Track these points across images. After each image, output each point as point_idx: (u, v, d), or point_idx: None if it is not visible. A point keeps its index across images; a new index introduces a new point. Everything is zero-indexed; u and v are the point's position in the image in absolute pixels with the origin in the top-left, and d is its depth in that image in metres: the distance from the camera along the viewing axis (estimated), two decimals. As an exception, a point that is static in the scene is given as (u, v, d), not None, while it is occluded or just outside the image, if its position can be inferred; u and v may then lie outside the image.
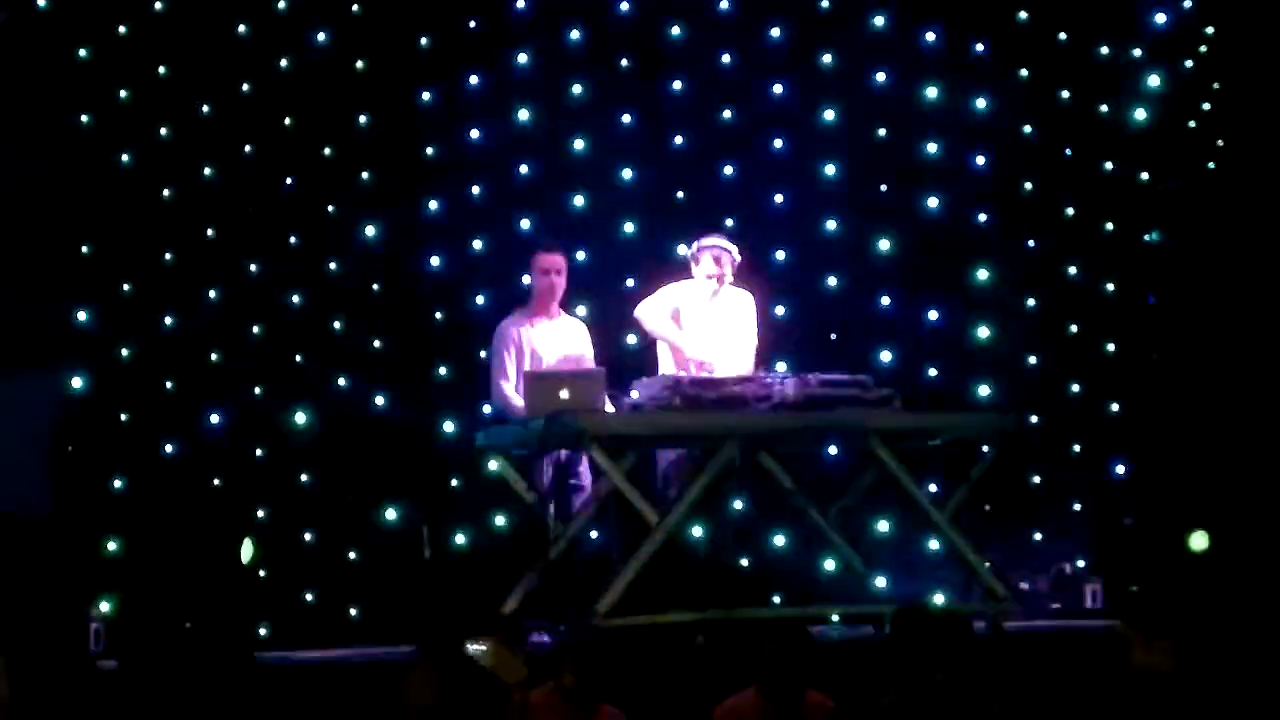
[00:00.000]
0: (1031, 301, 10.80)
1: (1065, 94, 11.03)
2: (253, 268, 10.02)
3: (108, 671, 7.53)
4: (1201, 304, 10.72)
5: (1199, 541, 9.34)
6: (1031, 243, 10.84)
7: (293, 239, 10.11)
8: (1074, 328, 10.81)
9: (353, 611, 9.45)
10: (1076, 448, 10.64)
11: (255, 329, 9.96)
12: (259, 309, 9.99)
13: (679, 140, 10.67)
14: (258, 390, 9.87)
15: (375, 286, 10.18)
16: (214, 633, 7.65)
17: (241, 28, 10.14)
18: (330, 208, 10.21)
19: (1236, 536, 9.62)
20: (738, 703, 6.12)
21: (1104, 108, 11.03)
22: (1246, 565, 9.20)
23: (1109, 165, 11.00)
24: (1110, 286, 10.87)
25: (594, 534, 8.90)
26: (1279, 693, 6.11)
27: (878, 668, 4.84)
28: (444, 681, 4.95)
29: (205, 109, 10.01)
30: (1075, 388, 10.72)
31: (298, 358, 10.01)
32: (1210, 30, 11.28)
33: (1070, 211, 10.92)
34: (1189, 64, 11.24)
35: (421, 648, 5.87)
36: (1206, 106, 11.19)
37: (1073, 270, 10.85)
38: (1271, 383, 10.44)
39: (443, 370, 10.13)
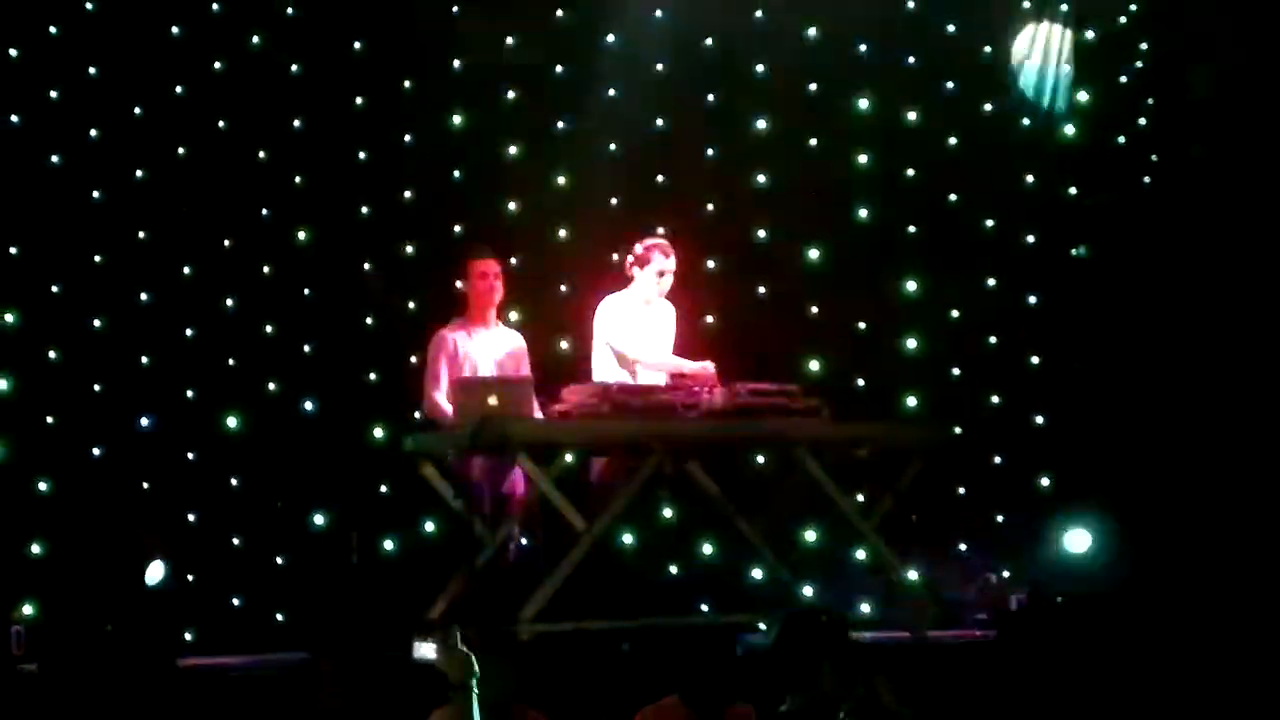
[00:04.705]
0: (955, 313, 10.91)
1: (989, 107, 11.17)
2: (185, 270, 9.99)
3: (29, 674, 7.50)
4: (1127, 318, 10.85)
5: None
6: (957, 255, 10.95)
7: (225, 242, 10.08)
8: (993, 339, 10.94)
9: (279, 617, 9.43)
10: (998, 459, 10.77)
11: (187, 332, 9.93)
12: (190, 312, 9.95)
13: (612, 147, 10.69)
14: (189, 393, 9.84)
15: (306, 290, 10.16)
16: (136, 637, 7.62)
17: (175, 29, 10.11)
18: (263, 211, 10.19)
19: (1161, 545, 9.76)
20: (659, 710, 6.12)
21: (1026, 121, 11.18)
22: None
23: (1030, 179, 11.13)
24: (1033, 299, 11.01)
25: (523, 540, 8.91)
26: None
27: (772, 673, 4.87)
28: (352, 686, 4.89)
29: (137, 110, 9.97)
30: (996, 399, 10.85)
31: (229, 361, 9.97)
32: (1145, 46, 11.42)
33: (994, 223, 11.05)
34: (1123, 80, 11.38)
35: (328, 653, 5.84)
36: (1142, 122, 11.33)
37: (992, 282, 11.00)
38: (1197, 396, 10.58)
39: (373, 375, 10.12)
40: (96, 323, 9.73)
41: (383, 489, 9.86)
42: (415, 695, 5.90)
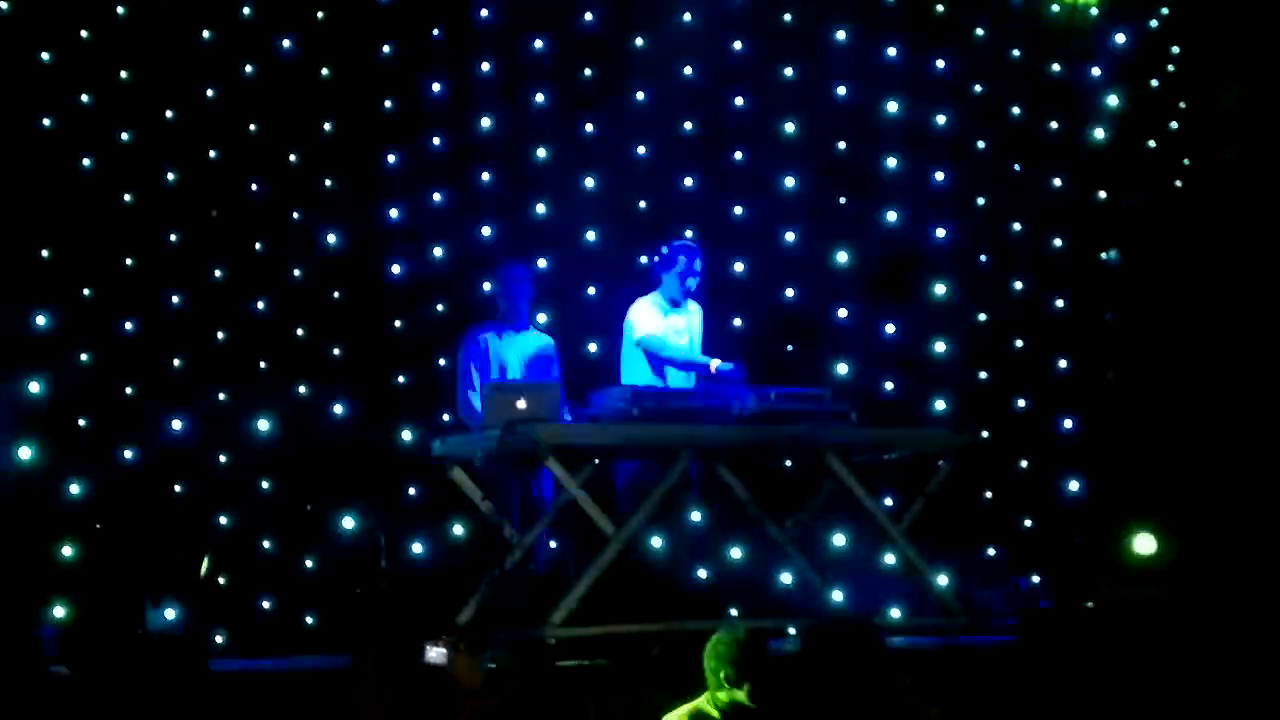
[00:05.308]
0: (983, 316, 10.90)
1: (1017, 110, 11.15)
2: (215, 273, 10.01)
3: (60, 678, 7.52)
4: (1157, 322, 10.81)
5: (1145, 545, 9.39)
6: (984, 258, 10.94)
7: (256, 245, 10.11)
8: (1020, 343, 10.93)
9: (309, 620, 9.45)
10: (1024, 463, 10.75)
11: (217, 335, 9.95)
12: (221, 315, 9.98)
13: (641, 150, 10.70)
14: (220, 396, 9.86)
15: (336, 294, 10.18)
16: (167, 640, 7.64)
17: (205, 33, 10.15)
18: (293, 214, 10.21)
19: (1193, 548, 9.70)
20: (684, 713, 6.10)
21: (1054, 124, 11.16)
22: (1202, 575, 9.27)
23: (1057, 182, 11.11)
24: (1060, 303, 10.99)
25: (552, 544, 8.93)
26: None
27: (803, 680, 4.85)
28: (392, 693, 4.91)
29: (168, 114, 10.01)
30: (1021, 403, 10.84)
31: (260, 364, 10.00)
32: (1176, 50, 11.38)
33: (1026, 227, 11.04)
34: (1155, 83, 11.35)
35: (367, 658, 5.85)
36: (1174, 125, 11.29)
37: (1020, 285, 10.99)
38: (1227, 399, 10.53)
39: (402, 379, 10.14)
40: (128, 326, 9.77)
41: (411, 492, 9.87)
42: (432, 699, 5.90)
